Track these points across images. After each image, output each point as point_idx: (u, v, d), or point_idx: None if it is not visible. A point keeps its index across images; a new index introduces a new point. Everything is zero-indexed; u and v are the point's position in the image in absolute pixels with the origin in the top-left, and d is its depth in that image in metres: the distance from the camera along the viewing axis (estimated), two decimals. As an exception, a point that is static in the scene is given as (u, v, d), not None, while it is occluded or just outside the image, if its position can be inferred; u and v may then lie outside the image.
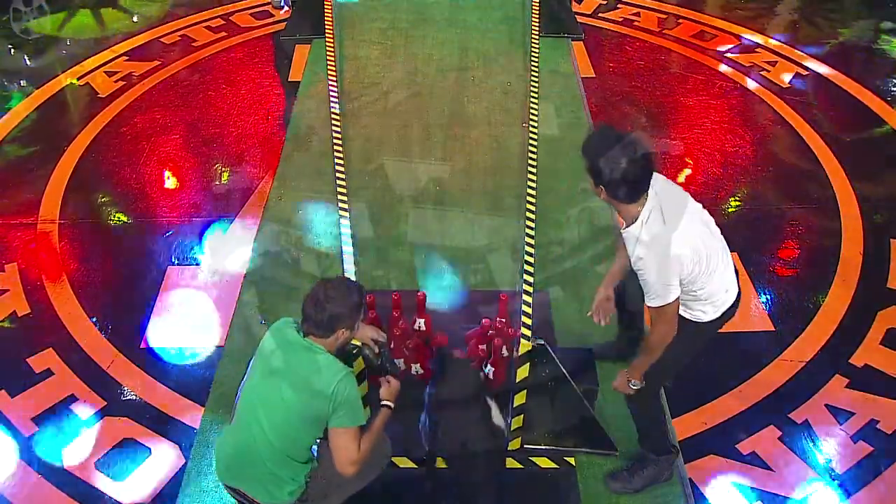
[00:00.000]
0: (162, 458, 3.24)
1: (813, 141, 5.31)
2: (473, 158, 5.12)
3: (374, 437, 2.50)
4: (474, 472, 2.94)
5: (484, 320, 3.43)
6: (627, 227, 2.52)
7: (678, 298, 2.48)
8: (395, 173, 4.99)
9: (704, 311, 2.66)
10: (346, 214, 4.48)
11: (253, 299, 3.96)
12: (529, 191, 4.67)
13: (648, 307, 2.55)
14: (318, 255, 4.25)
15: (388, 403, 2.60)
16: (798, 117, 5.57)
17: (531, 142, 5.13)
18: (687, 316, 2.66)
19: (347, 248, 4.22)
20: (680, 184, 2.89)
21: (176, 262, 4.29)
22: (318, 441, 2.52)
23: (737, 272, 2.74)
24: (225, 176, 5.02)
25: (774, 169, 5.09)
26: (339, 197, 4.64)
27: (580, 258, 4.07)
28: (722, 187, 4.91)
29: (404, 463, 3.14)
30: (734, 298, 2.71)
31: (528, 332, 3.20)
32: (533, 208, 4.43)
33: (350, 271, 4.03)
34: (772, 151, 5.28)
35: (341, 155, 5.03)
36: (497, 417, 2.97)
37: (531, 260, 4.02)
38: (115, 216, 4.69)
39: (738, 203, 4.79)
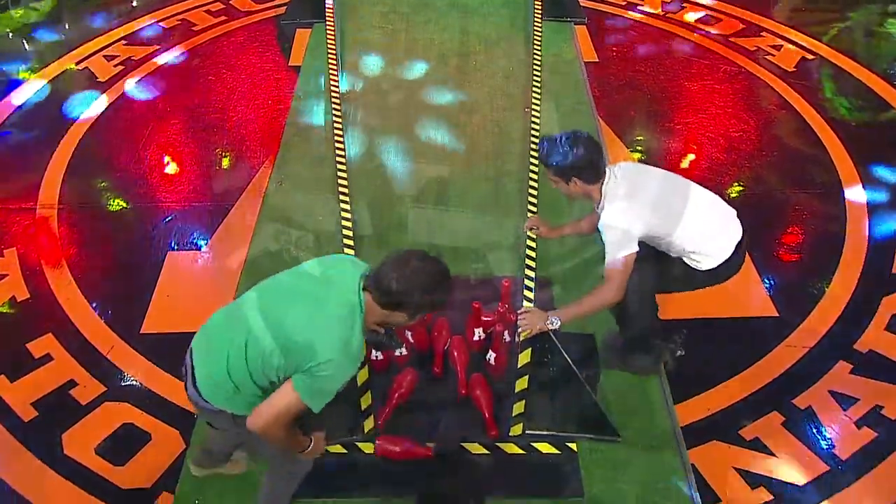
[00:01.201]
0: (162, 444, 3.22)
1: (818, 125, 5.26)
2: (475, 144, 5.08)
3: (295, 440, 2.32)
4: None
5: (473, 304, 3.41)
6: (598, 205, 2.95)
7: (626, 272, 2.83)
8: (396, 158, 4.95)
9: (698, 261, 2.99)
10: (347, 200, 4.47)
11: (252, 285, 3.92)
12: (531, 175, 4.65)
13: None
14: (319, 242, 4.22)
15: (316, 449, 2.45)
16: (803, 102, 5.51)
17: (533, 127, 5.11)
18: (686, 262, 3.01)
19: (348, 234, 4.21)
20: (683, 169, 3.04)
21: (176, 247, 4.26)
22: (279, 380, 2.24)
23: (744, 238, 3.03)
24: (225, 161, 4.98)
25: (779, 153, 5.05)
26: (340, 182, 4.63)
27: (581, 242, 4.01)
28: (726, 172, 4.86)
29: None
30: (728, 255, 2.99)
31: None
32: (535, 192, 4.40)
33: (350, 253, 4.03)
34: (776, 136, 5.23)
35: (342, 140, 5.01)
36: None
37: (533, 245, 4.01)
38: (114, 201, 4.66)
39: (741, 188, 4.75)
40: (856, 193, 4.63)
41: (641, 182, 2.96)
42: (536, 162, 4.76)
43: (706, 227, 2.98)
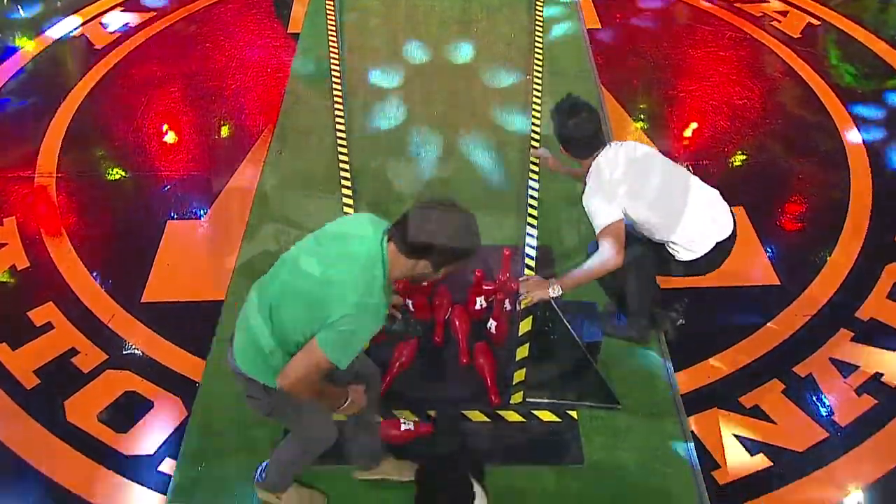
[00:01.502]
0: (164, 411, 3.24)
1: (823, 93, 5.19)
2: (477, 111, 5.03)
3: (326, 394, 2.29)
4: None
5: (475, 273, 3.40)
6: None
7: (618, 237, 2.85)
8: (396, 125, 4.90)
9: (676, 251, 3.02)
10: (347, 168, 4.43)
11: (253, 254, 3.93)
12: (533, 142, 4.61)
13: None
14: (319, 210, 4.20)
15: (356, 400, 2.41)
16: (808, 69, 5.43)
17: (535, 94, 5.05)
18: (667, 249, 3.04)
19: (348, 202, 4.19)
20: (687, 137, 3.01)
21: (175, 216, 4.24)
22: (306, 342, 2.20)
23: (734, 232, 3.03)
24: (224, 130, 4.94)
25: (783, 121, 4.99)
26: (340, 150, 4.59)
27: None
28: (729, 140, 4.81)
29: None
30: (708, 249, 2.99)
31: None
32: (536, 160, 4.36)
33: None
34: (781, 103, 5.16)
35: (341, 109, 4.96)
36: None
37: (534, 213, 3.99)
38: (113, 170, 4.63)
39: (745, 156, 4.70)
40: (860, 162, 4.59)
41: (634, 169, 2.94)
42: (538, 129, 4.73)
43: (690, 221, 2.96)
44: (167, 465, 3.03)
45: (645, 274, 3.18)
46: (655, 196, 2.95)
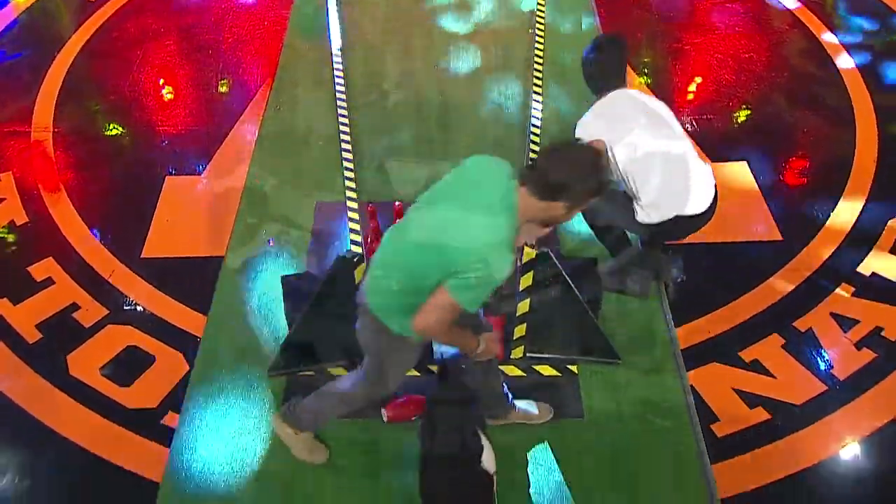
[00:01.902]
0: (166, 366, 3.25)
1: (832, 47, 5.09)
2: (477, 64, 4.94)
3: (460, 338, 2.36)
4: None
5: None
6: None
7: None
8: (396, 79, 4.83)
9: (636, 209, 3.03)
10: (346, 123, 4.37)
11: (252, 209, 3.90)
12: (535, 97, 4.54)
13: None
14: (318, 166, 4.15)
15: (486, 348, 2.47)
16: (817, 21, 5.32)
17: (537, 49, 4.96)
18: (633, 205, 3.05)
19: (348, 157, 4.14)
20: (691, 91, 2.96)
21: (174, 171, 4.20)
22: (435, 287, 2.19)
23: (707, 212, 3.01)
24: (222, 84, 4.86)
25: (789, 75, 4.91)
26: (339, 105, 4.53)
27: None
28: (734, 94, 4.74)
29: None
30: (665, 219, 3.00)
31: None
32: (539, 102, 4.32)
33: (350, 181, 3.98)
34: (787, 57, 5.07)
35: (340, 63, 4.87)
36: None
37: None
38: (109, 125, 4.58)
39: (749, 110, 4.64)
40: (866, 117, 4.52)
41: (640, 116, 2.97)
42: (539, 84, 4.66)
43: (659, 186, 2.96)
44: (170, 419, 3.05)
45: (616, 216, 3.19)
46: (644, 150, 2.93)
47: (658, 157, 2.94)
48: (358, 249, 3.44)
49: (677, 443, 2.95)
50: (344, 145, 4.20)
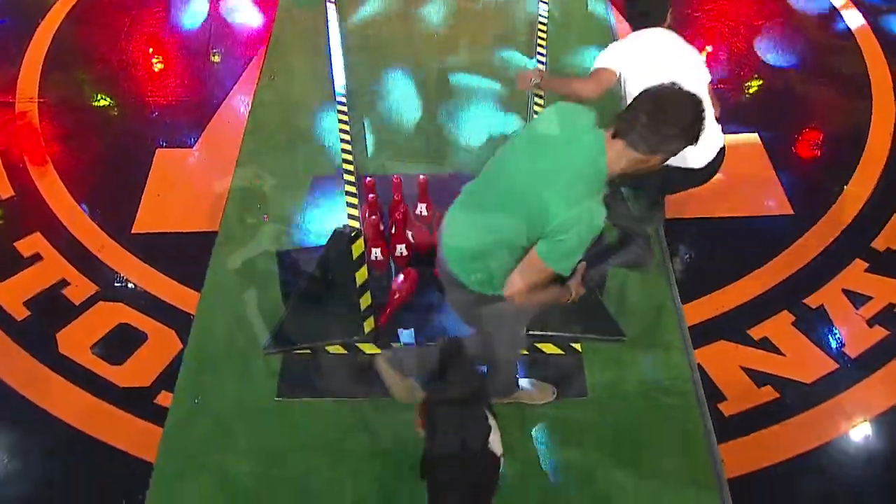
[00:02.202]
0: (159, 343, 3.17)
1: (850, 14, 4.93)
2: (478, 22, 4.83)
3: (552, 297, 2.25)
4: None
5: None
6: None
7: (600, 82, 2.90)
8: (393, 44, 4.68)
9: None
10: (343, 92, 4.24)
11: (246, 182, 3.79)
12: (539, 49, 4.41)
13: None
14: (313, 137, 4.04)
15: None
16: (833, -12, 5.15)
17: (541, 13, 4.81)
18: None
19: (345, 127, 4.02)
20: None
21: (164, 144, 4.08)
22: (524, 249, 2.11)
23: (704, 170, 2.94)
24: (214, 53, 4.71)
25: (804, 44, 4.75)
26: (334, 72, 4.38)
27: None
28: (746, 63, 4.60)
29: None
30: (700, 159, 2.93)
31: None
32: (543, 57, 4.18)
33: (347, 153, 3.86)
34: (802, 24, 4.91)
35: (337, 30, 4.72)
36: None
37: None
38: (97, 95, 4.43)
39: (761, 80, 4.49)
40: (883, 89, 4.37)
41: (666, 57, 2.95)
42: (543, 41, 4.52)
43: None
44: (164, 397, 2.97)
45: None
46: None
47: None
48: (355, 224, 3.33)
49: (684, 421, 2.89)
50: (341, 116, 4.07)
